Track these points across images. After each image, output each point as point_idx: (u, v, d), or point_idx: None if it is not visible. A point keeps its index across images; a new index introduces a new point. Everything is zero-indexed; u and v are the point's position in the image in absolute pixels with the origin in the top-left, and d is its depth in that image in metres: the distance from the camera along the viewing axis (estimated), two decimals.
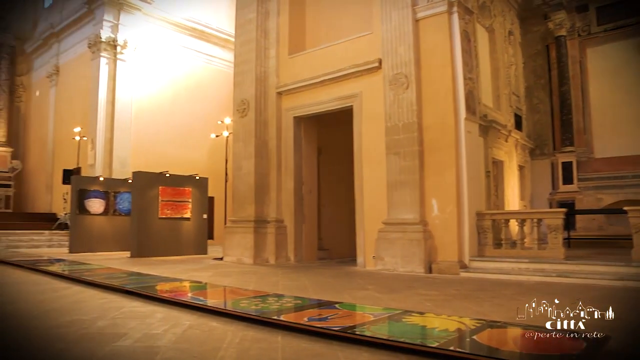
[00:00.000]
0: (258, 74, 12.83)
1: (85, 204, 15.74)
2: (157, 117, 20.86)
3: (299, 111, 12.46)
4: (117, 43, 20.17)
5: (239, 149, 12.99)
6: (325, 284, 8.09)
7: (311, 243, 12.81)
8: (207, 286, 7.68)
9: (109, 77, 20.08)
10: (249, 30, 13.17)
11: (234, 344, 3.94)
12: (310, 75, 12.06)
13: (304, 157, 12.68)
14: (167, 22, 21.82)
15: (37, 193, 26.13)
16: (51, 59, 25.27)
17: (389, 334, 4.20)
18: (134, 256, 13.56)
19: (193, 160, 20.25)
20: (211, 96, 22.05)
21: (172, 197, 14.62)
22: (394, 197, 10.17)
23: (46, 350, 3.81)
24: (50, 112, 25.19)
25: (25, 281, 8.34)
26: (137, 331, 4.37)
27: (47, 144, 25.13)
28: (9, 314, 5.34)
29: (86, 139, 20.12)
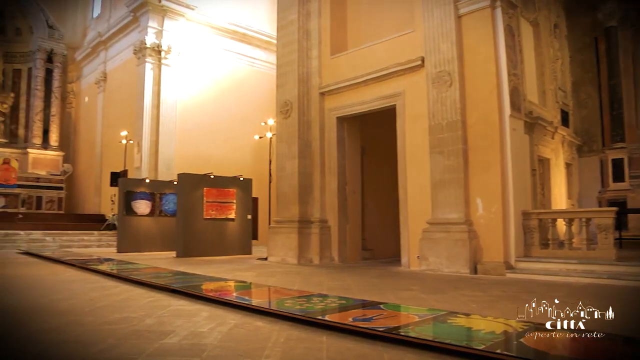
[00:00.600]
0: (300, 75, 12.89)
1: (132, 205, 16.14)
2: (201, 120, 21.17)
3: (342, 111, 12.45)
4: (161, 48, 20.57)
5: (282, 149, 13.06)
6: (369, 284, 8.05)
7: (355, 243, 12.78)
8: (252, 286, 7.73)
9: (153, 82, 20.50)
10: (290, 32, 13.24)
11: (279, 343, 3.95)
12: (353, 75, 12.04)
13: (347, 157, 12.67)
14: (210, 26, 22.13)
15: (86, 195, 26.89)
16: (99, 66, 26.01)
17: (434, 335, 4.13)
18: (180, 256, 13.78)
19: (237, 161, 20.48)
20: (254, 98, 22.24)
21: (216, 198, 14.80)
22: (438, 196, 10.05)
23: (99, 344, 3.91)
24: (98, 116, 25.90)
25: (77, 279, 8.59)
26: (183, 329, 4.44)
27: (96, 147, 25.84)
28: (64, 310, 5.51)
29: (132, 142, 20.60)
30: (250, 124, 20.51)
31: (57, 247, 17.52)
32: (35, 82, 27.82)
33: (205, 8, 21.77)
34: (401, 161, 11.15)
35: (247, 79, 22.80)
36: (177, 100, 20.80)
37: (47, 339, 4.14)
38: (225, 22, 22.43)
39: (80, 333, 4.34)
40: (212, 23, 22.12)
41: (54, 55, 28.16)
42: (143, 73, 20.50)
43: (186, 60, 21.36)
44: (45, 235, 18.82)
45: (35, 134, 27.58)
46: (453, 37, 10.07)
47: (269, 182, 15.40)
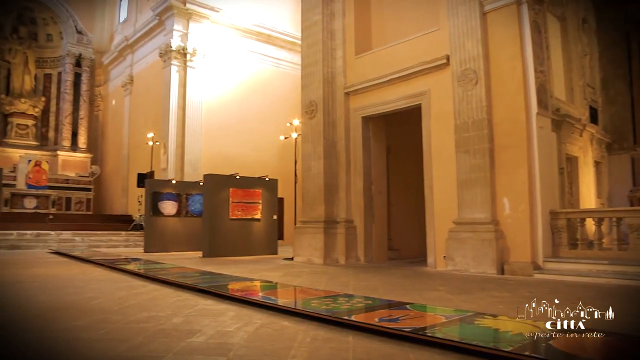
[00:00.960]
0: (325, 75, 12.88)
1: (159, 206, 16.33)
2: (227, 121, 21.33)
3: (367, 111, 12.41)
4: (186, 51, 20.79)
5: (307, 150, 13.08)
6: (395, 284, 8.01)
7: (381, 243, 12.74)
8: (278, 286, 7.72)
9: (179, 84, 20.73)
10: (314, 33, 13.25)
11: (305, 343, 3.95)
12: (378, 75, 11.99)
13: (372, 156, 12.63)
14: (234, 28, 22.29)
15: (114, 196, 27.31)
16: (125, 69, 26.41)
17: (461, 336, 4.09)
18: (206, 256, 13.88)
19: (262, 162, 20.57)
20: (279, 99, 22.33)
21: (242, 198, 14.88)
22: (464, 196, 9.95)
23: (127, 342, 3.96)
24: (125, 119, 26.29)
25: (106, 278, 8.71)
26: (210, 328, 4.47)
27: (123, 149, 26.22)
28: (94, 308, 5.59)
29: (159, 143, 20.84)
30: (275, 124, 20.60)
31: (86, 247, 17.81)
32: (65, 86, 28.42)
33: (229, 10, 21.93)
34: (427, 160, 11.07)
35: (272, 79, 22.89)
36: (202, 101, 20.99)
37: (78, 336, 4.22)
38: (249, 23, 22.56)
39: (110, 331, 4.39)
40: (237, 25, 22.27)
41: (83, 59, 28.76)
42: (169, 75, 20.74)
43: (211, 62, 21.54)
44: (75, 235, 19.17)
45: (64, 137, 28.14)
46: (478, 35, 9.96)
47: (295, 183, 15.42)
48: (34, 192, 24.08)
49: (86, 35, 28.98)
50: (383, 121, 12.84)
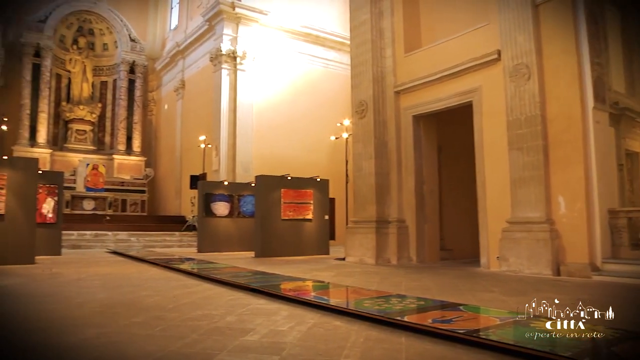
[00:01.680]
0: (375, 75, 12.80)
1: (211, 207, 16.56)
2: (277, 122, 21.50)
3: (418, 109, 12.27)
4: (236, 54, 21.06)
5: (358, 150, 13.03)
6: (448, 285, 7.87)
7: (433, 243, 12.57)
8: (330, 286, 7.70)
9: (230, 87, 21.02)
10: (363, 32, 13.19)
11: (358, 344, 3.92)
12: (428, 73, 11.84)
13: (424, 155, 12.49)
14: (283, 30, 22.45)
15: (167, 197, 27.92)
16: (177, 74, 26.99)
17: (516, 339, 3.93)
18: (258, 256, 13.99)
19: (313, 162, 20.64)
20: (329, 99, 22.38)
21: (294, 199, 14.93)
22: (517, 194, 9.67)
23: (183, 339, 4.02)
24: (178, 122, 26.85)
25: (161, 277, 8.89)
26: (263, 327, 4.50)
27: (175, 152, 26.78)
28: (150, 305, 5.72)
29: (210, 146, 21.17)
30: (325, 124, 20.66)
31: (141, 246, 18.30)
32: (120, 93, 29.30)
33: (278, 12, 22.12)
34: (479, 159, 10.85)
35: (322, 80, 22.95)
36: (253, 103, 21.22)
37: (136, 332, 4.31)
38: (298, 25, 22.68)
39: (165, 328, 4.47)
40: (285, 27, 22.43)
41: (136, 66, 29.61)
42: (220, 79, 21.06)
43: (261, 64, 21.75)
44: (130, 235, 19.74)
45: (119, 141, 28.99)
46: (530, 28, 9.66)
47: (346, 183, 15.40)
48: (92, 194, 24.88)
49: (139, 43, 29.85)
50: (434, 119, 12.67)
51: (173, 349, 3.75)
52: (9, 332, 4.38)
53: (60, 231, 14.10)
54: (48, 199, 13.53)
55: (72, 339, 4.06)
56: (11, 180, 11.43)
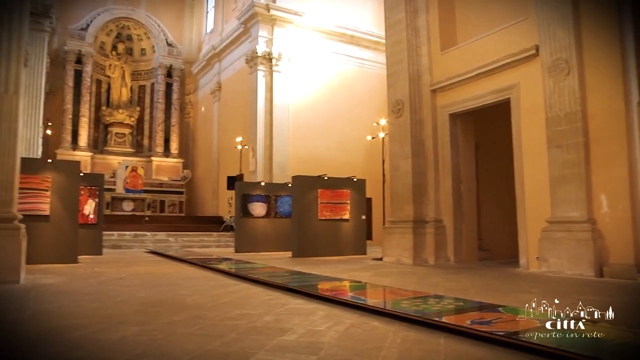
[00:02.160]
0: (411, 73, 12.68)
1: (249, 207, 16.66)
2: (313, 123, 21.55)
3: (454, 108, 12.12)
4: (272, 56, 21.17)
5: (395, 149, 12.92)
6: (486, 285, 7.72)
7: (471, 243, 12.40)
8: (367, 286, 7.66)
9: (266, 88, 21.15)
10: (398, 31, 13.09)
11: (395, 344, 3.88)
12: (464, 70, 11.68)
13: (461, 154, 12.32)
14: (318, 30, 22.49)
15: (205, 198, 28.26)
16: (214, 77, 27.31)
17: (558, 342, 3.77)
18: (295, 256, 14.00)
19: (350, 162, 20.59)
20: (365, 99, 22.32)
21: (330, 199, 14.91)
22: (557, 193, 9.40)
23: (222, 338, 4.04)
24: (214, 124, 27.16)
25: (199, 277, 8.96)
26: (301, 327, 4.48)
27: (212, 153, 27.09)
28: (189, 304, 5.77)
29: (247, 147, 21.34)
30: (361, 124, 20.62)
31: (179, 246, 18.55)
32: (157, 96, 29.86)
33: (312, 13, 22.16)
34: (517, 157, 10.62)
35: (357, 80, 22.89)
36: (289, 104, 21.31)
37: (176, 330, 4.36)
38: (332, 25, 22.69)
39: (204, 326, 4.50)
40: (320, 27, 22.46)
41: (173, 70, 30.12)
42: (255, 81, 21.22)
43: (296, 65, 21.83)
44: (169, 236, 20.02)
45: (157, 143, 29.51)
46: (570, 21, 9.35)
47: (383, 182, 15.31)
48: (131, 195, 25.35)
49: (176, 47, 30.37)
50: (471, 118, 12.49)
51: (212, 347, 3.77)
52: (52, 328, 4.48)
53: (101, 231, 14.39)
54: (89, 200, 13.81)
55: (114, 336, 4.12)
56: (55, 182, 11.75)
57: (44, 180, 11.58)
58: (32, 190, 11.32)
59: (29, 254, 8.55)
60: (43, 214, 11.48)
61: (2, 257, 7.63)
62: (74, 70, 27.72)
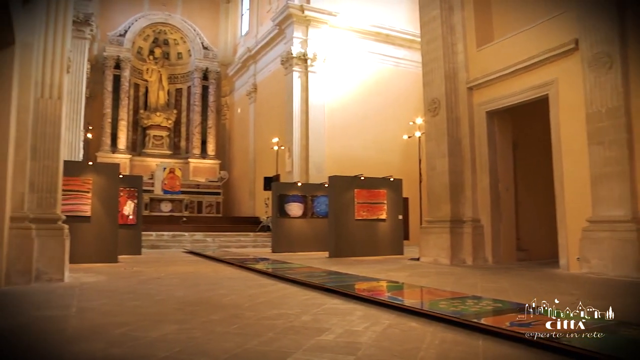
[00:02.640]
0: (447, 71, 12.54)
1: (285, 207, 16.73)
2: (349, 123, 21.51)
3: (491, 105, 11.93)
4: (307, 57, 21.22)
5: (431, 148, 12.80)
6: (526, 286, 7.58)
7: (509, 243, 12.19)
8: (404, 286, 7.60)
9: (301, 89, 21.21)
10: (434, 28, 12.96)
11: (433, 345, 3.85)
12: (501, 67, 11.47)
13: (498, 152, 12.13)
14: (352, 30, 22.44)
15: (241, 199, 28.51)
16: (249, 79, 27.52)
17: (601, 346, 3.64)
18: (332, 256, 14.00)
19: (386, 162, 20.47)
20: (401, 98, 22.19)
21: (367, 199, 14.86)
22: (599, 191, 9.11)
23: (259, 337, 4.07)
24: (251, 125, 27.38)
25: (236, 277, 9.04)
26: (338, 327, 4.48)
27: (249, 154, 27.31)
28: (227, 304, 5.83)
29: (283, 147, 21.42)
30: (397, 123, 20.52)
31: (216, 247, 18.72)
32: (194, 99, 30.27)
33: (347, 13, 22.12)
34: (556, 154, 10.36)
35: (393, 79, 22.76)
36: (324, 105, 21.33)
37: (214, 329, 4.40)
38: (367, 24, 22.61)
39: (242, 326, 4.54)
40: (355, 27, 22.41)
41: (209, 72, 30.49)
42: (291, 82, 21.30)
43: (331, 65, 21.83)
44: (206, 236, 20.23)
45: (194, 145, 29.91)
46: (614, 12, 9.03)
47: (419, 182, 15.20)
48: (169, 196, 25.74)
49: (212, 50, 30.72)
50: (508, 115, 12.28)
51: (250, 346, 3.79)
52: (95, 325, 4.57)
53: (140, 232, 14.67)
54: (128, 201, 14.09)
55: (154, 334, 4.18)
56: (96, 184, 12.04)
57: (85, 182, 11.88)
58: (74, 192, 11.62)
59: (72, 253, 8.81)
60: (85, 214, 11.78)
61: (48, 257, 7.91)
62: (113, 75, 28.34)
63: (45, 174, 8.15)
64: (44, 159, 8.16)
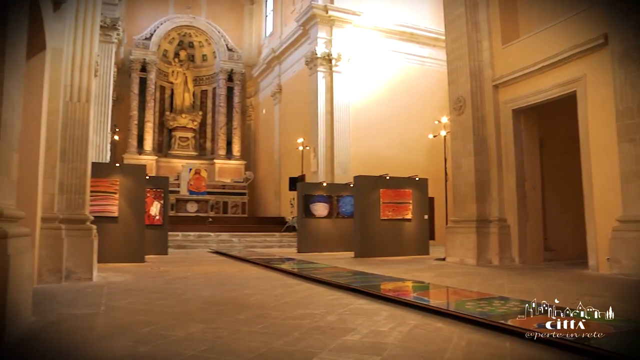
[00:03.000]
0: (472, 69, 12.42)
1: (311, 208, 16.78)
2: (374, 122, 21.45)
3: (517, 103, 11.79)
4: (331, 57, 21.22)
5: (457, 147, 12.70)
6: (554, 288, 7.46)
7: (536, 243, 12.02)
8: (430, 286, 7.56)
9: (326, 89, 21.21)
10: (458, 26, 12.85)
11: (460, 347, 3.82)
12: (527, 64, 11.31)
13: (525, 151, 11.98)
14: (377, 29, 22.38)
15: (267, 199, 28.63)
16: (274, 80, 27.63)
17: (631, 349, 3.59)
18: (358, 256, 13.98)
19: (411, 161, 20.37)
20: (426, 97, 22.06)
21: (392, 198, 14.80)
22: (629, 190, 8.86)
23: (285, 337, 4.09)
24: (276, 126, 27.49)
25: (262, 276, 9.09)
26: (364, 327, 4.47)
27: (274, 155, 27.43)
28: (253, 304, 5.86)
29: (308, 148, 21.46)
30: (422, 123, 20.42)
31: (242, 247, 18.83)
32: (219, 100, 30.55)
33: (371, 12, 22.06)
34: (584, 152, 10.15)
35: (417, 77, 22.63)
36: (349, 104, 21.30)
37: (240, 329, 4.43)
38: (391, 23, 22.52)
39: (268, 325, 4.57)
40: (379, 26, 22.34)
41: (234, 74, 30.73)
42: (316, 82, 21.32)
43: (356, 65, 21.79)
44: (232, 236, 20.39)
45: (220, 146, 30.16)
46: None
47: (445, 181, 15.09)
48: (195, 197, 25.96)
49: (236, 52, 30.94)
50: (535, 113, 12.11)
51: (275, 346, 3.81)
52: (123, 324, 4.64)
53: (166, 232, 14.83)
54: (155, 202, 14.26)
55: (180, 333, 4.23)
56: (123, 185, 12.24)
57: (113, 184, 12.06)
58: (102, 193, 11.81)
59: (100, 253, 8.98)
60: (112, 215, 11.97)
61: (77, 256, 8.08)
62: (139, 78, 28.83)
63: (74, 176, 8.33)
64: (72, 161, 8.34)
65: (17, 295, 4.18)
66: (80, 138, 8.47)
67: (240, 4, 32.71)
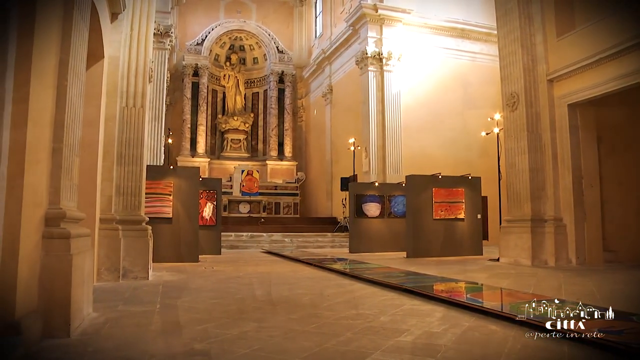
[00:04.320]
0: (525, 64, 12.11)
1: (362, 208, 16.74)
2: (426, 121, 21.22)
3: (573, 97, 11.42)
4: (382, 56, 21.09)
5: (510, 145, 12.41)
6: (615, 291, 7.22)
7: (594, 243, 11.60)
8: (484, 288, 7.47)
9: (377, 89, 21.10)
10: (510, 20, 12.56)
11: (515, 351, 3.74)
12: (584, 56, 10.90)
13: (581, 147, 11.61)
14: (427, 27, 22.11)
15: (318, 199, 28.71)
16: (325, 80, 27.69)
17: None
18: (410, 256, 13.88)
19: (464, 160, 20.07)
20: (478, 93, 21.66)
21: (445, 198, 14.63)
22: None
23: (337, 337, 4.12)
24: (327, 126, 27.54)
25: (314, 277, 9.14)
26: (417, 328, 4.46)
27: (325, 155, 27.48)
28: (306, 303, 5.92)
29: (360, 148, 21.41)
30: (475, 120, 20.05)
31: (294, 247, 18.98)
32: (270, 102, 30.89)
33: (420, 10, 21.80)
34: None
35: (469, 74, 22.25)
36: (400, 103, 21.12)
37: (293, 328, 4.48)
38: (441, 20, 22.20)
39: (320, 325, 4.60)
40: (429, 23, 22.08)
41: (285, 76, 30.99)
42: (366, 81, 21.23)
43: (407, 63, 21.57)
44: (284, 236, 20.56)
45: (271, 148, 30.47)
46: None
47: (499, 180, 14.79)
48: (247, 198, 26.27)
49: (287, 53, 31.18)
50: (592, 107, 11.69)
51: (328, 345, 3.84)
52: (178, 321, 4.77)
53: (219, 232, 15.08)
54: (208, 203, 14.55)
55: (234, 331, 4.31)
56: (177, 187, 12.53)
57: (167, 186, 12.37)
58: (156, 194, 12.12)
59: (155, 253, 9.25)
60: (166, 216, 12.27)
61: (134, 256, 8.36)
62: (192, 83, 29.47)
63: (130, 178, 8.63)
64: (128, 164, 8.63)
65: (80, 291, 4.38)
66: (136, 142, 8.76)
67: (289, 7, 32.94)
